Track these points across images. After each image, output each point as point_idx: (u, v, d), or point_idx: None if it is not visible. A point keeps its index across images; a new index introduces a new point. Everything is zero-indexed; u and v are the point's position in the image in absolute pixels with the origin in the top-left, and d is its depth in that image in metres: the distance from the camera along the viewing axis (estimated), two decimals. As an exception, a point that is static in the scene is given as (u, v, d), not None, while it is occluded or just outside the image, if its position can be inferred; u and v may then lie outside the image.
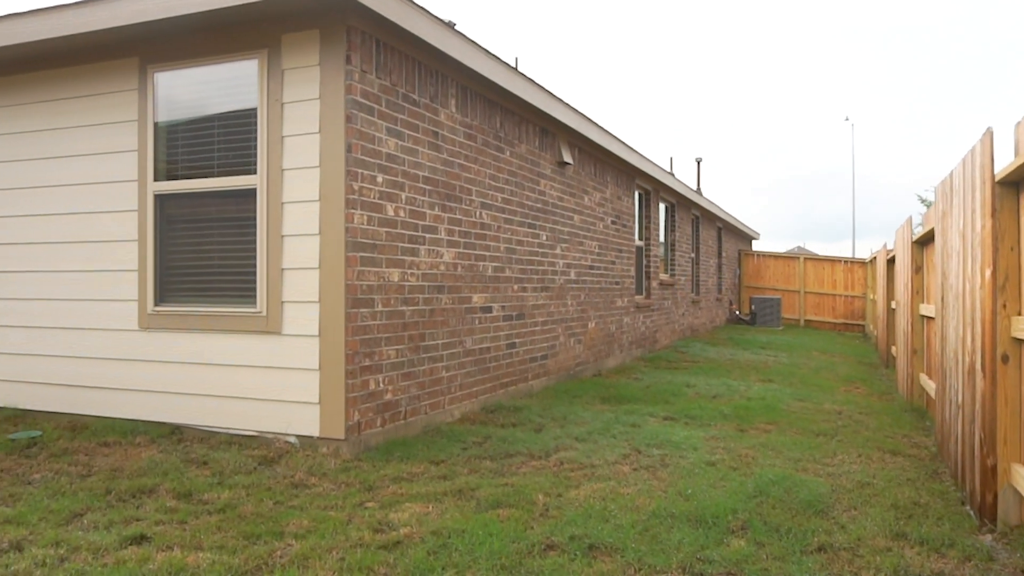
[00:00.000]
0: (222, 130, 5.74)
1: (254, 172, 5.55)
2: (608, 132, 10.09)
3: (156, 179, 5.93)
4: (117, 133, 6.07)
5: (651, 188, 13.17)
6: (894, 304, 10.52)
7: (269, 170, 5.49)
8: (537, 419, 6.70)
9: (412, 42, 5.83)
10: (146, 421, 5.89)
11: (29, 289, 6.50)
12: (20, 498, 4.21)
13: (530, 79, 7.60)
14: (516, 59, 11.89)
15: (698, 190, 19.95)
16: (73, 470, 4.78)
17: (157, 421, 5.86)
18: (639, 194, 12.70)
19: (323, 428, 5.31)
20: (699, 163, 22.89)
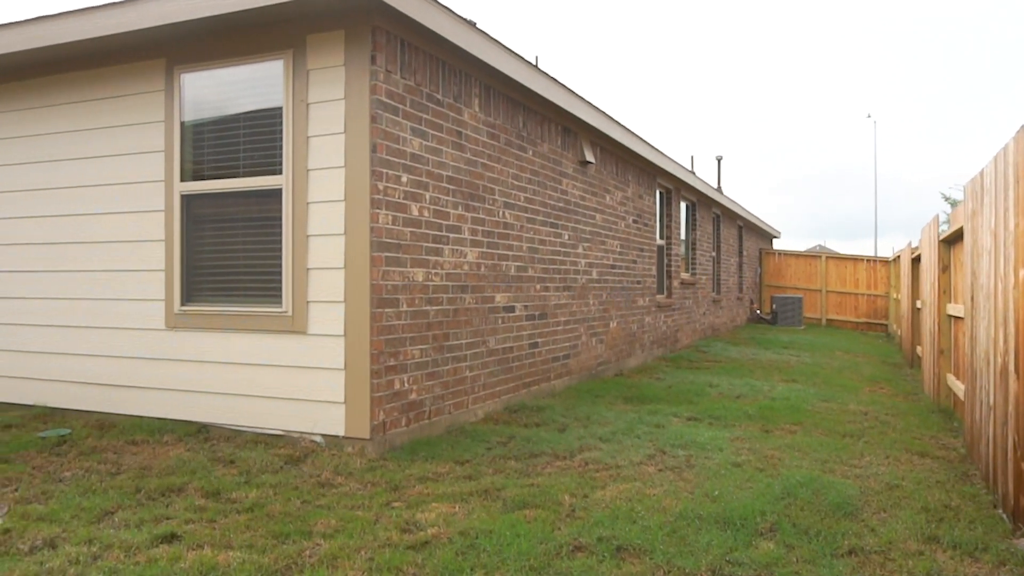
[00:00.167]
0: (247, 130, 5.77)
1: (279, 172, 5.58)
2: (630, 131, 10.05)
3: (183, 179, 5.98)
4: (144, 134, 6.13)
5: (672, 187, 13.11)
6: (919, 303, 10.40)
7: (294, 170, 5.51)
8: (560, 419, 6.69)
9: (436, 41, 5.84)
10: (173, 420, 5.94)
11: (58, 288, 6.58)
12: (52, 495, 4.26)
13: (552, 78, 7.59)
14: (536, 58, 11.89)
15: (719, 188, 19.85)
16: (103, 468, 4.83)
17: (184, 420, 5.91)
18: (660, 193, 12.65)
19: (348, 428, 5.33)
20: (719, 161, 22.80)
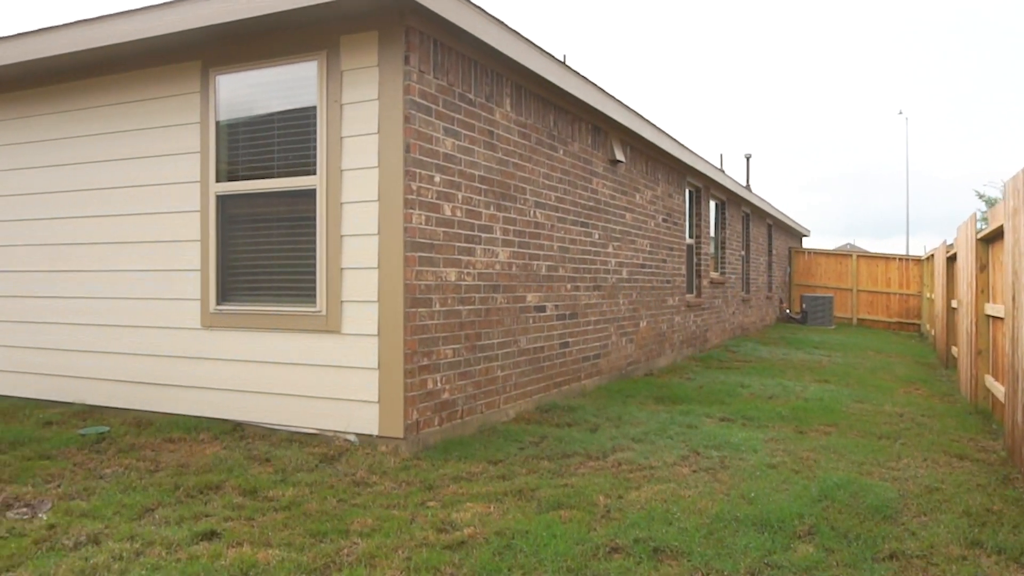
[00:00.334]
0: (282, 131, 5.82)
1: (314, 173, 5.62)
2: (660, 129, 9.99)
3: (218, 180, 6.04)
4: (180, 135, 6.21)
5: (701, 185, 13.02)
6: (955, 303, 10.23)
7: (328, 170, 5.55)
8: (592, 419, 6.67)
9: (468, 41, 5.84)
10: (209, 418, 6.01)
11: (96, 288, 6.68)
12: (94, 492, 4.33)
13: (583, 76, 7.56)
14: (564, 56, 11.86)
15: (748, 187, 19.68)
16: (142, 465, 4.90)
17: (219, 418, 5.98)
18: (689, 191, 12.57)
19: (382, 427, 5.36)
20: (748, 159, 22.60)
